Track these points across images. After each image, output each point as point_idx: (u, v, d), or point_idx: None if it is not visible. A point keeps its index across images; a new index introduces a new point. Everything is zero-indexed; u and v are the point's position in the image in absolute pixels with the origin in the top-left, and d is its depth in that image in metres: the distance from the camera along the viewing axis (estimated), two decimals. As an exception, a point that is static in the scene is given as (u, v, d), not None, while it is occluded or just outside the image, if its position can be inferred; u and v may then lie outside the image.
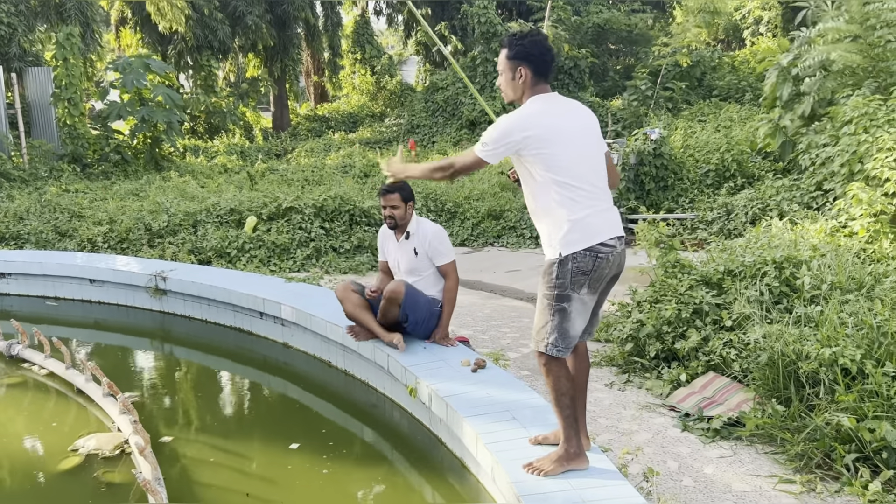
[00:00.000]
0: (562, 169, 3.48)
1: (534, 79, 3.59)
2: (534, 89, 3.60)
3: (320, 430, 5.38)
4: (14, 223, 10.63)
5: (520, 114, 3.55)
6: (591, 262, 3.49)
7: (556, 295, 3.53)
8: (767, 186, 10.15)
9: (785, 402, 4.78)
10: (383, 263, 5.96)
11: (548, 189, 3.51)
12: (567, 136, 3.52)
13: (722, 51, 24.12)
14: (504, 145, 3.50)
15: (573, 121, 3.61)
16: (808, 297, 5.59)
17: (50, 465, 4.82)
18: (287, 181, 14.06)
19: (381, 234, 6.00)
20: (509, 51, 3.62)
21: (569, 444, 3.71)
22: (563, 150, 3.49)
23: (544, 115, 3.53)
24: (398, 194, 5.60)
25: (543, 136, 3.47)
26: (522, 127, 3.48)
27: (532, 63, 3.58)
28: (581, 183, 3.50)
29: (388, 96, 25.57)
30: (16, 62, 17.54)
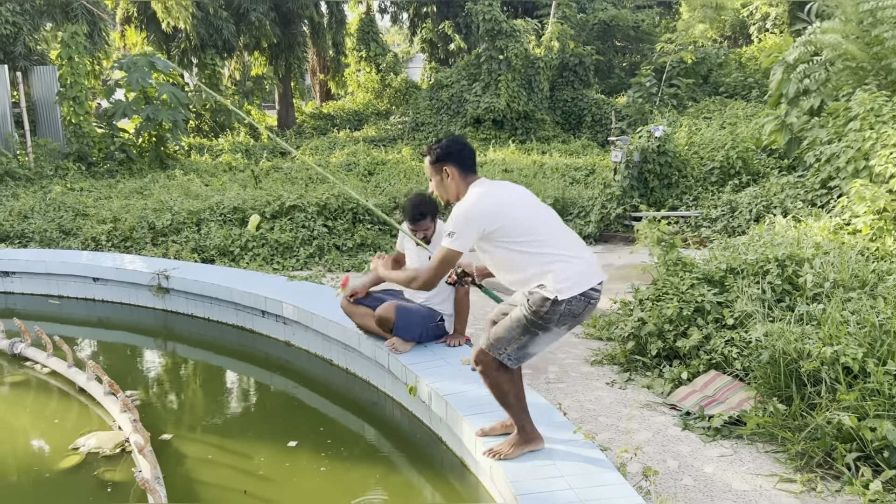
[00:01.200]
0: (534, 230, 3.69)
1: (461, 174, 3.82)
2: (466, 181, 3.82)
3: (320, 428, 5.38)
4: (18, 222, 10.66)
5: (470, 199, 3.71)
6: (583, 306, 3.69)
7: (536, 322, 3.67)
8: (772, 184, 10.11)
9: (786, 400, 4.75)
10: (399, 255, 5.82)
11: (528, 255, 3.67)
12: (522, 203, 3.78)
13: (728, 48, 24.03)
14: (470, 228, 3.65)
15: (517, 192, 3.86)
16: (811, 295, 5.56)
17: (51, 464, 4.83)
18: (291, 179, 14.06)
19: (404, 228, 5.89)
20: (431, 157, 3.88)
21: (522, 430, 3.92)
22: (525, 213, 3.73)
23: (492, 193, 3.74)
24: (430, 218, 5.39)
25: (503, 209, 3.68)
26: (480, 207, 3.65)
27: (454, 160, 3.81)
28: (555, 239, 3.72)
29: (393, 94, 25.54)
30: (21, 61, 17.57)
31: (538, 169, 14.55)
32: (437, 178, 3.89)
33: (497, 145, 19.14)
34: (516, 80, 21.16)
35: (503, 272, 3.84)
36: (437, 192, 3.97)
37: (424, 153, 3.95)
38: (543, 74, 21.62)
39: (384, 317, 5.39)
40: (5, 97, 15.94)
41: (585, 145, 19.36)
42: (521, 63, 21.24)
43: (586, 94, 22.16)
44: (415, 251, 5.63)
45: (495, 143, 19.66)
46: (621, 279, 8.36)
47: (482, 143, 19.77)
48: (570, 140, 20.65)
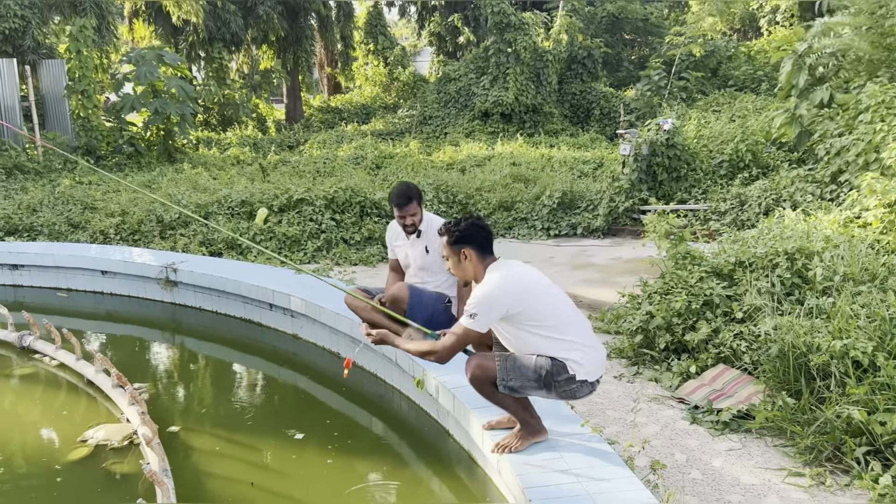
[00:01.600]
0: (555, 316, 3.82)
1: (479, 256, 3.90)
2: (484, 263, 3.89)
3: (326, 420, 5.40)
4: (27, 215, 10.68)
5: (493, 282, 3.78)
6: (586, 392, 3.89)
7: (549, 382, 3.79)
8: (782, 177, 10.04)
9: (795, 394, 4.73)
10: (394, 262, 5.74)
11: (548, 340, 3.79)
12: (542, 288, 3.87)
13: (738, 41, 23.89)
14: (492, 311, 3.74)
15: (535, 276, 3.94)
16: (821, 288, 5.53)
17: (60, 456, 4.85)
18: (299, 173, 14.06)
19: (390, 230, 5.76)
20: (449, 238, 3.94)
21: (527, 424, 3.97)
22: (546, 299, 3.83)
23: (514, 277, 3.83)
24: (416, 202, 5.36)
25: (526, 294, 3.78)
26: (503, 291, 3.75)
27: (472, 243, 3.89)
28: (573, 327, 3.86)
29: (401, 87, 25.51)
30: (29, 55, 17.60)
31: (546, 162, 14.51)
32: (454, 259, 3.96)
33: (505, 139, 19.10)
34: (524, 74, 21.09)
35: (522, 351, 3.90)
36: (453, 272, 4.03)
37: (442, 233, 4.00)
38: (552, 67, 21.55)
39: (397, 296, 5.33)
40: (14, 91, 15.98)
41: (594, 138, 19.29)
42: (530, 56, 21.17)
43: (595, 87, 22.07)
44: (407, 248, 5.58)
45: (503, 136, 19.61)
46: (629, 273, 8.33)
47: (490, 137, 19.73)
48: (579, 133, 20.58)
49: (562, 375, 3.77)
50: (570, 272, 8.71)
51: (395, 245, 5.72)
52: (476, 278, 3.92)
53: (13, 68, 16.00)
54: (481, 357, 3.90)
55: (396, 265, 5.74)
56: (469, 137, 19.76)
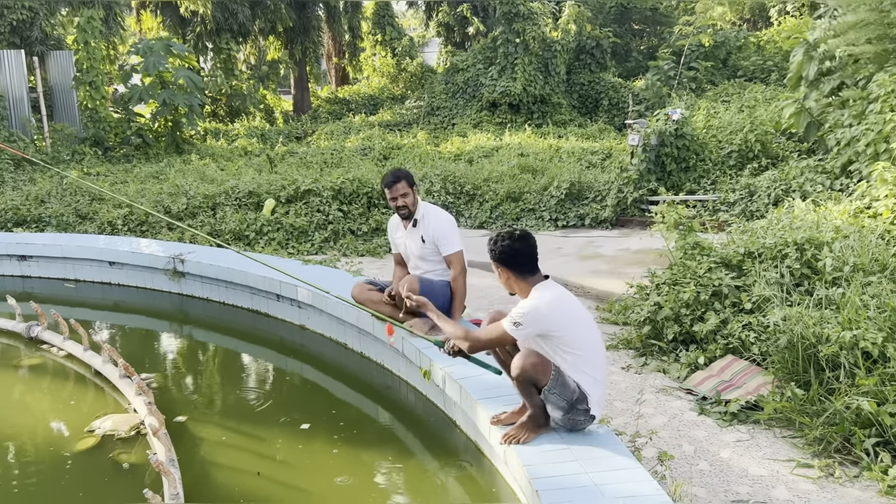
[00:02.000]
0: (584, 348, 3.88)
1: (517, 276, 3.93)
2: (526, 282, 3.93)
3: (333, 411, 5.39)
4: (35, 206, 10.71)
5: (544, 301, 3.82)
6: (586, 424, 3.97)
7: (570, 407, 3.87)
8: (791, 167, 9.98)
9: (804, 385, 4.70)
10: (397, 256, 5.81)
11: (573, 367, 3.85)
12: (583, 319, 3.95)
13: (748, 31, 23.72)
14: (536, 326, 3.80)
15: (579, 305, 4.02)
16: (830, 279, 5.49)
17: (67, 446, 4.86)
18: (306, 164, 14.05)
19: (391, 225, 5.86)
20: (490, 253, 3.99)
21: (537, 417, 3.97)
22: (585, 331, 3.92)
23: (563, 301, 3.89)
24: (405, 181, 5.45)
25: (570, 322, 3.86)
26: (552, 312, 3.80)
27: (508, 265, 3.93)
28: (598, 362, 3.97)
29: (409, 78, 25.43)
30: (37, 46, 17.62)
31: (554, 153, 14.45)
32: (496, 274, 4.04)
33: (513, 129, 19.03)
34: (533, 64, 20.99)
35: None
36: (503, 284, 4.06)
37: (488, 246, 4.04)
38: (560, 58, 21.43)
39: (408, 289, 5.34)
40: (22, 82, 16.00)
41: (602, 129, 19.21)
42: (538, 46, 21.06)
43: (603, 77, 21.96)
44: (405, 239, 5.60)
45: (511, 127, 19.54)
46: (637, 264, 8.30)
47: (498, 128, 19.66)
48: (587, 124, 20.49)
49: (583, 405, 3.88)
50: (577, 263, 8.68)
51: (395, 238, 5.75)
52: (519, 294, 3.97)
53: (21, 60, 16.02)
54: (541, 360, 3.86)
55: (400, 258, 5.77)
56: (477, 128, 19.70)
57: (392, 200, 5.50)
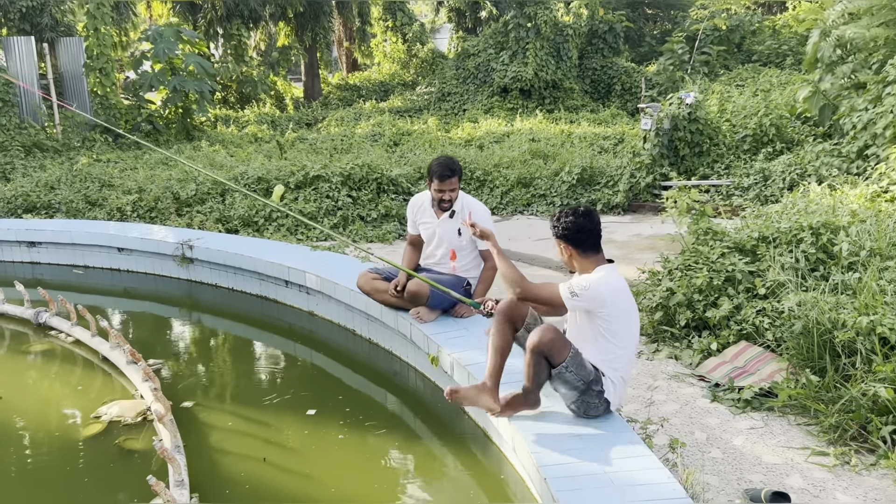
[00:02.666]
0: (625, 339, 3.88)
1: (580, 254, 3.89)
2: (588, 260, 3.89)
3: (340, 397, 5.35)
4: (45, 192, 10.70)
5: (607, 282, 3.80)
6: (601, 411, 3.90)
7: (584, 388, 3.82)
8: (807, 151, 9.83)
9: (819, 372, 4.61)
10: (414, 237, 5.61)
11: (605, 351, 3.86)
12: (633, 313, 3.95)
13: (762, 15, 23.42)
14: (592, 302, 3.78)
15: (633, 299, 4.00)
16: (846, 263, 5.39)
17: (73, 432, 4.84)
18: (316, 150, 13.98)
19: (414, 203, 5.62)
20: (553, 230, 3.96)
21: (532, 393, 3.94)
22: (633, 322, 3.93)
23: (624, 289, 3.89)
24: (458, 177, 5.27)
25: (625, 311, 3.86)
26: (611, 295, 3.78)
27: (571, 242, 3.88)
28: (631, 354, 3.96)
29: (420, 64, 25.29)
30: (48, 32, 17.58)
31: (566, 138, 14.31)
32: (558, 250, 4.01)
33: (524, 115, 18.88)
34: (544, 49, 20.79)
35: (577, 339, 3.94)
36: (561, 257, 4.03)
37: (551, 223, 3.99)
38: (572, 42, 21.21)
39: (417, 294, 5.25)
40: (33, 69, 15.97)
41: (615, 114, 19.02)
42: (550, 30, 20.85)
43: (616, 62, 21.72)
44: (436, 226, 5.46)
45: (522, 112, 19.38)
46: (650, 249, 8.20)
47: (509, 113, 19.51)
48: (600, 109, 20.30)
49: (597, 387, 3.83)
50: (589, 249, 8.58)
51: (420, 221, 5.56)
52: (578, 271, 3.94)
53: (31, 46, 15.99)
54: (559, 336, 3.81)
55: (416, 240, 5.62)
56: (488, 114, 19.56)
57: (438, 192, 5.29)
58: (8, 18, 17.47)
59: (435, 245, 5.49)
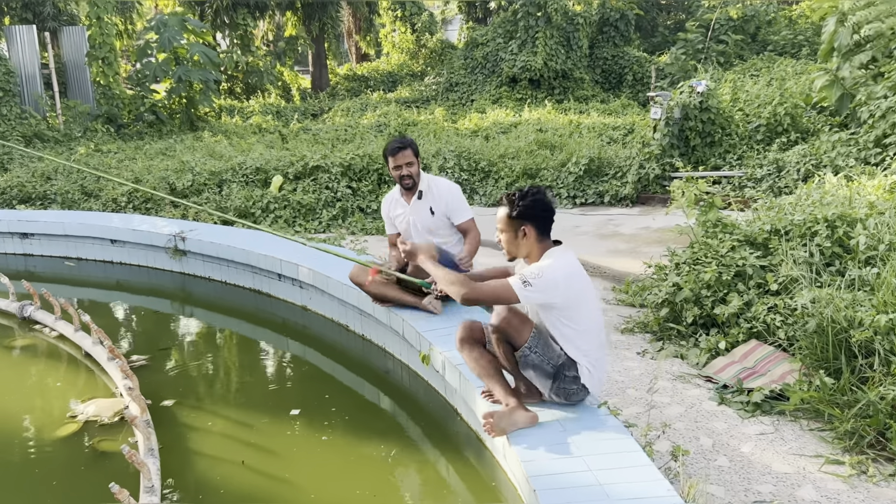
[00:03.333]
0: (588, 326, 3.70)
1: (539, 237, 3.68)
2: (542, 245, 3.69)
3: (326, 395, 5.11)
4: (41, 183, 10.51)
5: (559, 269, 3.58)
6: (582, 397, 3.77)
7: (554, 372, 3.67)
8: (822, 142, 9.50)
9: (834, 373, 4.33)
10: (393, 237, 5.47)
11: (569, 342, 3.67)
12: (591, 293, 3.78)
13: (778, 5, 22.98)
14: (544, 293, 3.55)
15: (588, 279, 3.81)
16: (863, 258, 5.09)
17: (46, 432, 4.62)
18: (319, 141, 13.73)
19: (387, 202, 5.53)
20: (510, 210, 3.67)
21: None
22: (591, 308, 3.75)
23: (578, 274, 3.67)
24: (410, 149, 5.19)
25: (580, 296, 3.65)
26: (566, 283, 3.57)
27: (535, 221, 3.66)
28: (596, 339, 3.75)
29: (429, 55, 24.98)
30: (50, 22, 17.40)
31: (574, 129, 14.00)
32: (509, 234, 3.71)
33: (533, 105, 18.56)
34: (554, 38, 20.40)
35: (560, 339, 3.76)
36: (504, 247, 3.77)
37: (502, 202, 3.72)
38: (583, 31, 20.82)
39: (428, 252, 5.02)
40: (35, 58, 15.79)
41: (625, 105, 18.66)
42: (560, 19, 20.47)
43: (627, 51, 21.33)
44: (410, 216, 5.31)
45: (531, 103, 19.06)
46: (658, 243, 7.91)
47: (517, 103, 19.19)
48: (610, 100, 19.93)
49: (570, 372, 3.66)
50: (596, 242, 8.32)
51: (394, 216, 5.46)
52: (528, 257, 3.72)
53: (33, 35, 15.81)
54: (515, 314, 3.63)
55: (396, 240, 5.42)
56: (496, 104, 19.25)
57: (396, 170, 5.20)
58: (10, 7, 17.32)
59: (415, 235, 5.33)
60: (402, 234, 5.41)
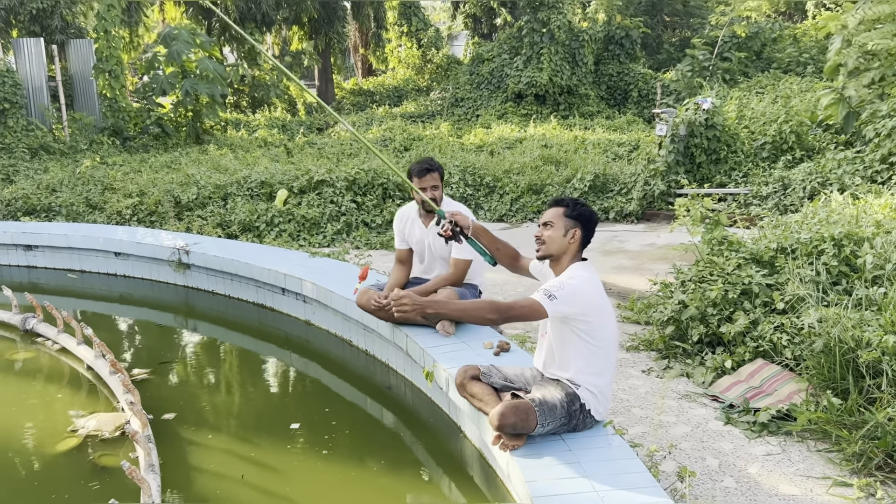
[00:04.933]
0: (607, 341, 3.71)
1: (581, 244, 3.76)
2: (578, 254, 3.77)
3: (327, 409, 5.09)
4: (46, 195, 10.52)
5: (583, 279, 3.64)
6: (590, 425, 3.74)
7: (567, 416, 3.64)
8: (828, 159, 9.47)
9: (842, 394, 4.28)
10: (403, 252, 5.40)
11: (586, 357, 3.68)
12: (610, 312, 3.77)
13: (783, 23, 23.02)
14: (568, 304, 3.57)
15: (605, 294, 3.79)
16: (870, 277, 5.05)
17: (46, 447, 4.58)
18: (324, 155, 13.75)
19: (401, 217, 5.43)
20: (570, 210, 3.77)
21: None
22: (611, 323, 3.76)
23: (598, 287, 3.71)
24: (438, 173, 5.10)
25: (602, 308, 3.69)
26: (589, 294, 3.63)
27: (585, 229, 3.75)
28: (612, 357, 3.77)
29: (435, 70, 25.06)
30: (58, 34, 17.49)
31: (579, 145, 14.01)
32: (559, 231, 3.74)
33: (538, 121, 18.58)
34: (559, 54, 20.46)
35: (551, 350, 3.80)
36: (545, 240, 3.77)
37: (562, 203, 3.81)
38: (588, 48, 20.88)
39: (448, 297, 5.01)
40: (42, 71, 15.86)
41: (631, 121, 18.69)
42: (565, 36, 20.52)
43: (633, 68, 21.38)
44: (427, 238, 5.25)
45: (537, 118, 19.09)
46: (663, 259, 7.88)
47: (523, 119, 19.22)
48: (615, 116, 19.96)
49: (575, 405, 3.65)
50: (600, 258, 8.28)
51: (409, 232, 5.36)
52: (560, 260, 3.77)
53: (41, 48, 15.88)
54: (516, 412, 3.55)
55: (406, 256, 5.39)
56: (501, 119, 19.28)
57: (421, 190, 5.05)
58: (18, 20, 17.42)
59: (429, 259, 5.29)
60: (417, 253, 5.36)
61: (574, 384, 3.66)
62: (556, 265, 3.77)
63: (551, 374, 3.80)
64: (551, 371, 3.81)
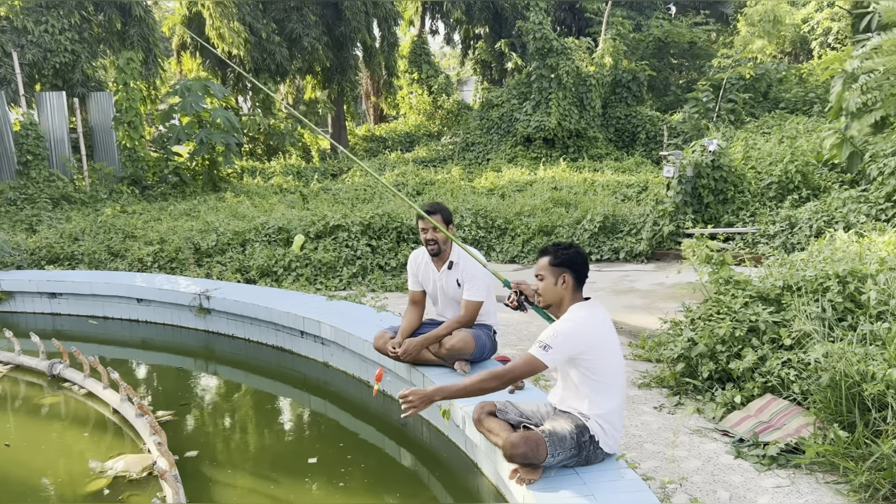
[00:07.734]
0: (613, 376, 3.79)
1: (575, 287, 3.86)
2: (574, 297, 3.87)
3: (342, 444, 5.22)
4: (69, 244, 10.78)
5: (577, 321, 3.75)
6: (601, 458, 3.85)
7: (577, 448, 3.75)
8: (833, 198, 9.63)
9: (849, 427, 4.39)
10: (417, 294, 5.51)
11: (593, 395, 3.77)
12: (615, 345, 3.84)
13: (789, 63, 23.35)
14: (568, 348, 3.69)
15: (611, 329, 3.88)
16: (875, 313, 5.17)
17: (77, 487, 4.73)
18: (339, 200, 14.01)
19: (415, 259, 5.56)
20: (553, 258, 3.88)
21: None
22: (616, 359, 3.82)
23: (597, 322, 3.79)
24: (440, 215, 5.27)
25: (602, 344, 3.76)
26: (585, 333, 3.72)
27: (574, 272, 3.85)
28: (619, 393, 3.84)
29: (445, 115, 25.50)
30: (79, 88, 18.00)
31: (588, 186, 14.24)
32: (549, 281, 3.89)
33: (548, 164, 18.86)
34: (567, 98, 20.84)
35: (563, 386, 3.94)
36: (541, 294, 3.94)
37: (547, 252, 3.94)
38: (595, 91, 21.27)
39: (462, 350, 5.18)
40: (63, 123, 16.30)
41: (639, 163, 18.94)
42: (573, 80, 20.93)
43: (640, 110, 21.72)
44: (439, 282, 5.38)
45: (546, 161, 19.38)
46: (673, 298, 8.01)
47: (532, 163, 19.51)
48: (624, 158, 20.24)
49: (585, 437, 3.76)
50: (611, 298, 8.42)
51: (422, 275, 5.52)
52: (560, 305, 3.89)
53: (63, 101, 16.35)
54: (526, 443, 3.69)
55: (420, 297, 5.53)
56: (512, 163, 19.58)
57: (423, 232, 5.32)
58: (42, 74, 17.92)
59: (442, 301, 5.44)
60: (430, 296, 5.50)
61: (584, 416, 3.78)
62: (558, 310, 3.90)
63: (563, 408, 3.93)
64: (563, 405, 3.94)
